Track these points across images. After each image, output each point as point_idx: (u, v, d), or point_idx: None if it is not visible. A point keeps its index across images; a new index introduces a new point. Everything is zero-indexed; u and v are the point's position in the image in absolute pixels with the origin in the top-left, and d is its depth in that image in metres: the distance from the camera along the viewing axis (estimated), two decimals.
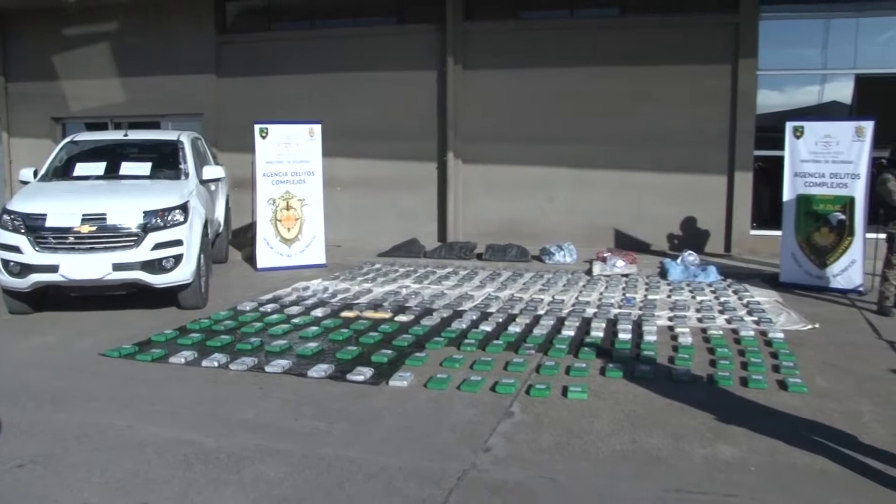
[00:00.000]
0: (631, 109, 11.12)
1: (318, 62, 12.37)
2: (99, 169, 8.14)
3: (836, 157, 8.13)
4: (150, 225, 6.99)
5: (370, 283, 8.84)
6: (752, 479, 3.63)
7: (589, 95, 11.30)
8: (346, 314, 7.08)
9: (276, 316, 7.03)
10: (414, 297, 7.97)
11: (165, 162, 8.36)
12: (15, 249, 6.80)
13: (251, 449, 3.99)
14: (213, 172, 8.67)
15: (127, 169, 8.16)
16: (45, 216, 6.88)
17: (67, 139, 8.91)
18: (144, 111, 13.46)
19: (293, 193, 10.08)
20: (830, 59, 10.70)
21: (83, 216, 6.87)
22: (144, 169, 8.17)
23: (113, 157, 8.36)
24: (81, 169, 8.17)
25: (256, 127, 9.99)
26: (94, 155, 8.46)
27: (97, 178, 8.04)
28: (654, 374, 5.20)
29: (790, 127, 8.50)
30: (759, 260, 10.13)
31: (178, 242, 7.11)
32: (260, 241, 9.95)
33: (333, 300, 7.79)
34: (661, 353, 5.74)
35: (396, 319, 6.87)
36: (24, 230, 6.83)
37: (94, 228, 6.83)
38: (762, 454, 3.89)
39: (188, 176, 8.18)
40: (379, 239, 11.38)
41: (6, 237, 6.85)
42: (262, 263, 9.91)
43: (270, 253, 9.96)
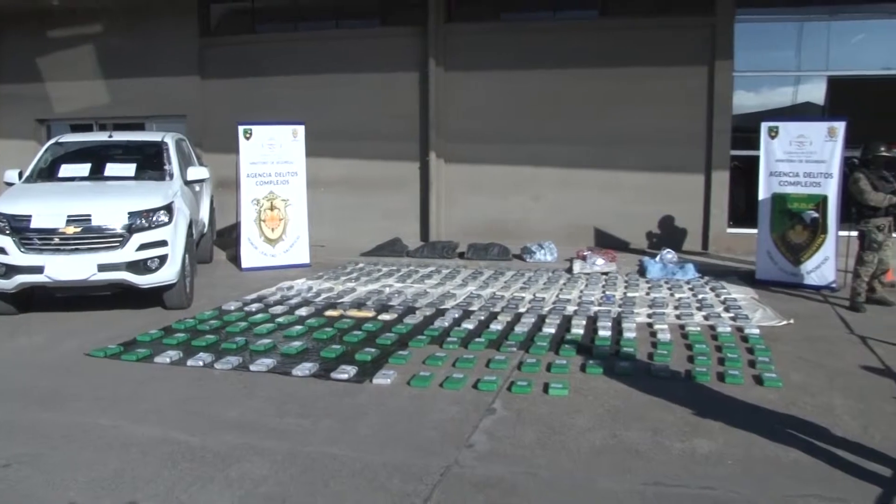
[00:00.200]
0: (610, 110, 11.23)
1: (301, 64, 12.39)
2: (84, 170, 8.13)
3: (809, 156, 8.29)
4: (134, 226, 7.01)
5: (354, 282, 8.89)
6: (728, 471, 3.72)
7: (569, 96, 11.41)
8: (329, 313, 7.13)
9: (260, 315, 7.07)
10: (397, 295, 8.03)
11: (150, 163, 8.36)
12: (0, 251, 6.80)
13: (236, 447, 4.02)
14: (197, 173, 8.68)
15: (112, 170, 8.16)
16: (30, 217, 6.89)
17: (52, 140, 8.90)
18: (129, 112, 13.43)
19: (277, 194, 10.11)
20: (804, 61, 10.88)
21: (68, 217, 6.88)
22: (129, 170, 8.18)
23: (98, 158, 8.35)
24: (66, 170, 8.16)
25: (240, 128, 10.01)
26: (78, 156, 8.45)
27: (82, 179, 8.03)
28: (633, 370, 5.28)
29: (765, 127, 8.65)
30: (735, 257, 10.25)
31: (162, 243, 7.13)
32: (244, 241, 9.98)
33: (317, 299, 7.84)
34: (640, 349, 5.82)
35: (380, 318, 6.93)
36: (8, 231, 6.84)
37: (79, 229, 6.85)
38: (738, 447, 3.98)
39: (173, 177, 8.19)
40: (362, 239, 11.41)
41: None
42: (246, 263, 9.94)
43: (255, 253, 9.99)
